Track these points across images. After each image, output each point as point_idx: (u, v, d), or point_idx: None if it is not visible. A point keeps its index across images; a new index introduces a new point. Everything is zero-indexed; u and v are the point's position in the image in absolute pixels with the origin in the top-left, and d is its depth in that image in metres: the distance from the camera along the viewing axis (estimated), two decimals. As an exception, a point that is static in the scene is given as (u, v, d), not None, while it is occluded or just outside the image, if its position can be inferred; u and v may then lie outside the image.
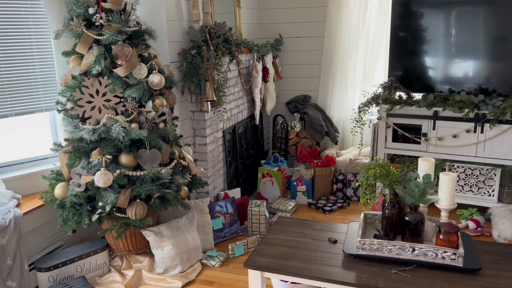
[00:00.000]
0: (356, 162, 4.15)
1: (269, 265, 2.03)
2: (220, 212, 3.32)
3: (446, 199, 1.98)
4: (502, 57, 3.46)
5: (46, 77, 2.96)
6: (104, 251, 2.84)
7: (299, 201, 4.06)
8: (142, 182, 2.60)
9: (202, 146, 3.41)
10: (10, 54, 2.76)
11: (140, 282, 2.77)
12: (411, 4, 3.69)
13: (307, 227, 2.41)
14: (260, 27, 4.78)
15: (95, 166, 2.56)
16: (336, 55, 4.46)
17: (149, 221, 2.65)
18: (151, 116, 2.69)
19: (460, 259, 1.88)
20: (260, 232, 3.38)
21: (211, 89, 3.20)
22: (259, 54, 4.14)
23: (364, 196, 2.11)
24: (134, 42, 2.69)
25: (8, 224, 2.45)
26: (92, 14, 2.58)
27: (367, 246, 2.00)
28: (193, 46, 3.21)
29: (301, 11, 4.60)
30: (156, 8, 3.03)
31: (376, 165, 2.10)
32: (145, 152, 2.61)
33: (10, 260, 2.44)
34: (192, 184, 2.99)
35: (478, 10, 3.47)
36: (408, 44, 3.76)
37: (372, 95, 3.80)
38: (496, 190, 3.54)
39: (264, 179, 4.08)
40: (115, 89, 2.58)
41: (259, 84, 4.05)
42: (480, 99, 3.36)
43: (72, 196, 2.60)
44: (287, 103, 4.76)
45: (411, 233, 1.98)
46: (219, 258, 3.00)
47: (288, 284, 2.42)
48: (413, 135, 3.68)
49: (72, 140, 2.63)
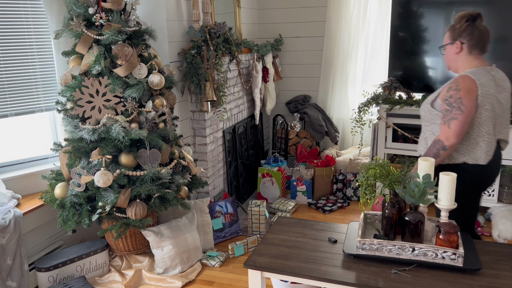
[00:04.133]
0: (356, 162, 4.15)
1: (269, 265, 2.03)
2: (220, 212, 3.32)
3: (446, 199, 1.97)
4: (502, 57, 3.46)
5: (46, 77, 2.96)
6: (104, 251, 2.84)
7: (299, 201, 4.06)
8: (142, 182, 2.60)
9: (202, 146, 3.41)
10: (10, 54, 2.76)
11: (140, 282, 2.77)
12: (411, 4, 3.69)
13: (307, 227, 2.41)
14: (260, 27, 4.78)
15: (95, 166, 2.56)
16: (336, 55, 4.46)
17: (149, 221, 2.65)
18: (151, 116, 2.69)
19: (460, 259, 1.88)
20: (260, 232, 3.38)
21: (211, 89, 3.20)
22: (259, 54, 4.14)
23: (364, 196, 2.10)
24: (134, 42, 2.69)
25: (8, 224, 2.45)
26: (92, 14, 2.58)
27: (367, 246, 2.00)
28: (193, 46, 3.20)
29: (301, 11, 4.60)
30: (156, 8, 3.03)
31: (376, 165, 2.10)
32: (145, 152, 2.60)
33: (10, 260, 2.44)
34: (192, 184, 2.99)
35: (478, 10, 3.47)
36: (408, 44, 3.76)
37: (372, 95, 3.80)
38: (496, 190, 3.54)
39: (264, 179, 4.08)
40: (115, 89, 2.58)
41: (259, 84, 4.05)
42: (480, 99, 3.36)
43: (72, 196, 2.60)
44: (287, 103, 4.76)
45: (411, 233, 1.98)
46: (219, 258, 3.00)
47: (288, 284, 2.42)
48: (413, 135, 3.67)
49: (72, 140, 2.63)
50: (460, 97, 2.06)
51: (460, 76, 2.12)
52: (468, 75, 2.10)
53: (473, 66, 2.17)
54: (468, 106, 2.06)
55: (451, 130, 2.09)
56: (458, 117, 2.07)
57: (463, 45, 2.18)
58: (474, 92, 2.07)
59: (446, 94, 2.12)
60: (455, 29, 2.21)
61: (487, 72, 2.14)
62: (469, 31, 2.16)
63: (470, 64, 2.18)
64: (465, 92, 2.06)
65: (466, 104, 2.05)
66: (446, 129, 2.11)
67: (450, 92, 2.10)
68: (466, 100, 2.06)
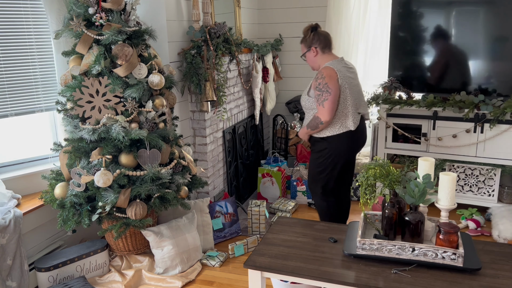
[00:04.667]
0: (356, 162, 4.15)
1: (269, 265, 2.03)
2: (220, 212, 3.32)
3: (446, 199, 1.98)
4: (502, 57, 3.46)
5: (46, 77, 2.96)
6: (104, 251, 2.84)
7: (299, 201, 4.06)
8: (142, 182, 2.60)
9: (202, 146, 3.41)
10: (10, 54, 2.76)
11: (140, 282, 2.77)
12: (411, 4, 3.69)
13: (307, 227, 2.41)
14: (260, 27, 4.78)
15: (95, 166, 2.56)
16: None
17: (149, 221, 2.65)
18: (151, 116, 2.69)
19: (460, 259, 1.88)
20: (260, 232, 3.38)
21: (211, 89, 3.20)
22: (259, 54, 4.14)
23: (364, 196, 2.11)
24: (134, 42, 2.69)
25: (8, 224, 2.45)
26: (92, 14, 2.58)
27: (367, 246, 2.00)
28: (193, 46, 3.20)
29: (301, 11, 4.60)
30: (156, 8, 3.03)
31: (376, 165, 2.10)
32: (145, 152, 2.61)
33: (10, 260, 2.44)
34: (192, 184, 2.99)
35: (478, 10, 3.47)
36: (408, 44, 3.76)
37: (372, 95, 3.80)
38: (496, 190, 3.54)
39: (264, 179, 4.08)
40: (115, 89, 2.58)
41: (259, 84, 4.05)
42: (480, 99, 3.36)
43: (72, 196, 2.60)
44: (287, 103, 4.76)
45: (411, 233, 1.98)
46: (219, 258, 3.00)
47: (288, 284, 2.42)
48: (413, 135, 3.67)
49: (72, 140, 2.63)
50: (326, 83, 2.70)
51: (323, 68, 2.78)
52: (328, 66, 2.77)
53: (329, 60, 2.84)
54: (333, 88, 2.69)
55: (325, 109, 2.72)
56: (328, 97, 2.70)
57: (317, 48, 2.86)
58: (335, 77, 2.71)
59: (316, 83, 2.75)
60: (306, 40, 2.89)
61: (339, 62, 2.84)
62: (316, 37, 2.85)
63: (326, 59, 2.86)
64: (328, 78, 2.71)
65: (331, 86, 2.69)
66: (321, 108, 2.74)
67: (318, 81, 2.74)
68: (330, 84, 2.69)
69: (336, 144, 2.81)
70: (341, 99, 2.74)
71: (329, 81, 2.69)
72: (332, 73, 2.71)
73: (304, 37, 2.90)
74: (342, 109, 2.75)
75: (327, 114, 2.72)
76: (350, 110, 2.76)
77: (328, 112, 2.71)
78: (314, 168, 2.94)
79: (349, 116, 2.76)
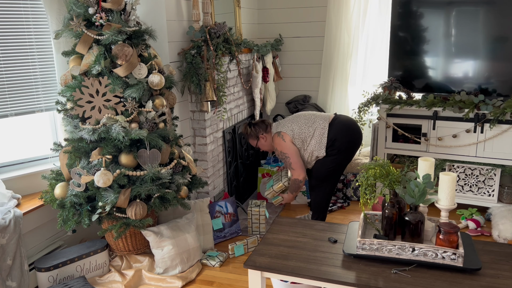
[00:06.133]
0: (356, 162, 4.15)
1: (269, 265, 2.03)
2: (220, 212, 3.32)
3: (446, 199, 1.98)
4: (502, 57, 3.46)
5: (46, 77, 2.96)
6: (104, 251, 2.84)
7: (299, 201, 4.06)
8: (142, 182, 2.60)
9: (202, 146, 3.41)
10: (10, 54, 2.76)
11: (140, 282, 2.77)
12: (411, 4, 3.69)
13: (307, 227, 2.41)
14: (260, 27, 4.78)
15: (95, 166, 2.56)
16: (336, 55, 4.46)
17: (149, 221, 2.65)
18: (151, 116, 2.69)
19: (460, 259, 1.88)
20: (260, 232, 3.38)
21: (211, 89, 3.20)
22: (259, 54, 4.14)
23: (364, 196, 2.11)
24: (134, 42, 2.69)
25: (8, 224, 2.45)
26: (92, 14, 2.58)
27: (367, 246, 2.00)
28: (193, 46, 3.20)
29: (301, 11, 4.60)
30: (156, 8, 3.03)
31: (376, 165, 2.10)
32: (145, 152, 2.61)
33: (10, 260, 2.44)
34: (192, 184, 2.99)
35: (478, 10, 3.47)
36: (408, 44, 3.76)
37: (372, 95, 3.80)
38: (496, 190, 3.54)
39: (264, 179, 4.08)
40: (115, 89, 2.58)
41: (259, 84, 4.05)
42: (480, 99, 3.36)
43: (72, 196, 2.60)
44: (287, 103, 4.76)
45: (411, 233, 1.98)
46: (219, 258, 3.00)
47: (288, 284, 2.42)
48: (413, 135, 3.68)
49: (72, 140, 2.63)
50: (280, 151, 3.15)
51: (274, 143, 3.20)
52: (275, 135, 3.18)
53: (274, 133, 3.21)
54: (287, 149, 3.11)
55: (295, 169, 3.12)
56: (290, 160, 3.11)
57: (263, 134, 3.25)
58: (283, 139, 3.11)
59: (279, 155, 3.19)
60: (251, 134, 3.28)
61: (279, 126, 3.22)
62: (257, 127, 3.25)
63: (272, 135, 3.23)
64: (279, 146, 3.14)
65: (285, 150, 3.12)
66: (293, 171, 3.14)
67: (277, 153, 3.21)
68: (284, 149, 3.12)
69: (337, 145, 3.08)
70: (299, 146, 3.13)
71: (282, 148, 3.13)
72: (279, 140, 3.14)
73: (248, 134, 3.29)
74: (304, 154, 3.15)
75: (299, 171, 3.11)
76: (312, 142, 3.11)
77: (299, 169, 3.11)
78: (325, 169, 3.18)
79: (313, 154, 3.12)
